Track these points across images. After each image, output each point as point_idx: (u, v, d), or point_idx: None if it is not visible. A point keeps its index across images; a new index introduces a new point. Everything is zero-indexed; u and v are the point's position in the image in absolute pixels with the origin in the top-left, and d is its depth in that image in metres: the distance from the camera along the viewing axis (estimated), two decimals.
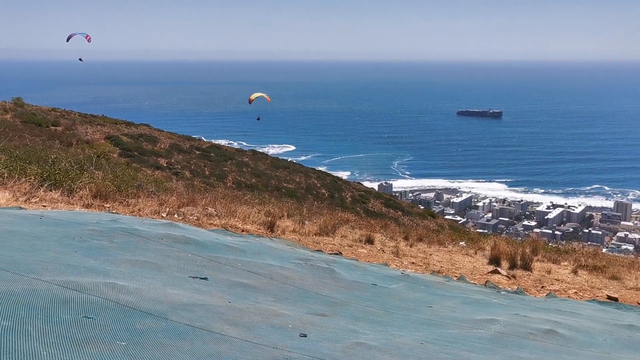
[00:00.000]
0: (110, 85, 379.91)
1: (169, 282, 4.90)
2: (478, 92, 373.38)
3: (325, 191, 51.00)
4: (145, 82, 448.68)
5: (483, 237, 20.07)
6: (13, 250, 5.01)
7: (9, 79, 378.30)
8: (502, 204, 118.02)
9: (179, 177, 39.14)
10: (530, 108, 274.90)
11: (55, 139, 42.45)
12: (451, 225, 48.13)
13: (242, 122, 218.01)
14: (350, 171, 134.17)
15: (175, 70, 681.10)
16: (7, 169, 12.14)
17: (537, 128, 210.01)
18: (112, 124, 58.64)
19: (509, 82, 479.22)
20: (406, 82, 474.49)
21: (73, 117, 58.84)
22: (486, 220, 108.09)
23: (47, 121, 50.34)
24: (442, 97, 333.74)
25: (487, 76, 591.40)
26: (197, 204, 13.61)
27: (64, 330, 3.22)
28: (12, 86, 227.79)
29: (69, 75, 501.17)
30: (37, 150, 18.32)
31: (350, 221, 17.07)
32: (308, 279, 6.31)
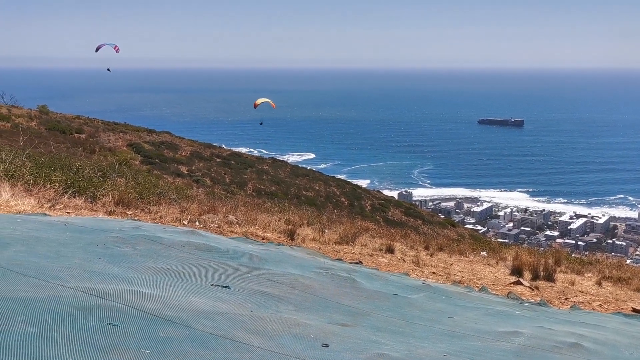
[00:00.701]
0: (133, 93, 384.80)
1: (192, 290, 4.92)
2: (499, 100, 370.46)
3: (344, 199, 50.93)
4: (168, 90, 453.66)
5: (504, 247, 19.87)
6: (39, 257, 5.08)
7: (35, 87, 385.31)
8: (524, 213, 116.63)
9: (199, 184, 39.42)
10: (553, 117, 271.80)
11: (78, 146, 43.09)
12: (472, 234, 47.68)
13: (262, 130, 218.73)
14: (370, 179, 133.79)
15: (197, 78, 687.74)
16: (32, 175, 12.33)
17: (560, 137, 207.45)
18: (134, 132, 59.33)
19: (530, 91, 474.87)
20: (427, 91, 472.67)
21: (96, 124, 59.68)
22: (507, 229, 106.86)
23: (71, 128, 51.11)
24: (463, 105, 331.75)
25: (508, 85, 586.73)
26: (217, 211, 13.68)
27: (89, 337, 3.25)
28: (38, 94, 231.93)
29: (93, 83, 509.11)
30: (62, 158, 18.61)
31: (370, 230, 17.02)
32: (329, 288, 6.29)
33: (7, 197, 10.79)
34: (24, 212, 9.80)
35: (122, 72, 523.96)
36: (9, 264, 4.57)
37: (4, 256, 4.92)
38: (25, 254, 5.16)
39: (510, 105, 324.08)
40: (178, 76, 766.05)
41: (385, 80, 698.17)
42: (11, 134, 40.86)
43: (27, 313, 3.42)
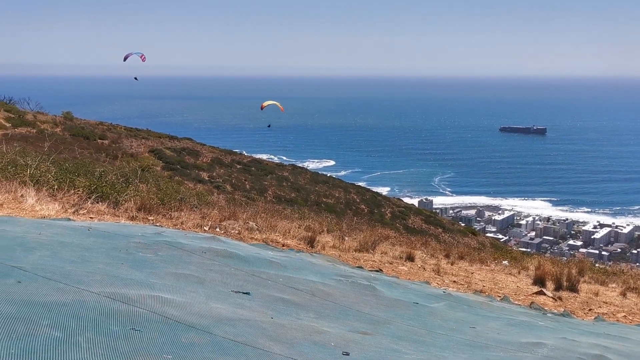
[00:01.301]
0: (155, 100, 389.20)
1: (213, 296, 4.95)
2: (521, 108, 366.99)
3: (364, 207, 50.79)
4: (190, 97, 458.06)
5: (526, 256, 19.63)
6: (64, 262, 5.16)
7: (60, 93, 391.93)
8: (546, 222, 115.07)
9: (220, 190, 39.64)
10: (576, 125, 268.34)
11: (101, 151, 43.67)
12: (493, 243, 47.21)
13: (282, 136, 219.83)
14: (390, 187, 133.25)
15: (219, 85, 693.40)
16: (57, 181, 12.52)
17: (584, 145, 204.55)
18: (156, 138, 59.93)
19: (552, 99, 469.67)
20: (448, 99, 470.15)
21: (119, 130, 60.44)
22: (529, 239, 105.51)
23: (95, 134, 51.84)
24: (484, 113, 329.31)
25: (530, 92, 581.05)
26: (238, 217, 13.73)
27: (112, 342, 3.28)
28: (63, 101, 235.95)
29: (117, 90, 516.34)
30: (85, 163, 18.88)
31: (390, 237, 16.94)
32: (349, 296, 6.27)
33: (33, 202, 10.98)
34: (48, 216, 9.95)
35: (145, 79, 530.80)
36: (34, 268, 4.64)
37: (30, 260, 5.00)
38: (50, 258, 5.24)
39: (532, 113, 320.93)
40: (200, 83, 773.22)
41: (407, 87, 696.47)
42: (36, 139, 41.58)
43: (52, 317, 3.47)
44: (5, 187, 11.44)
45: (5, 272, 4.44)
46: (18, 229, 6.64)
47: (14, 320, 3.30)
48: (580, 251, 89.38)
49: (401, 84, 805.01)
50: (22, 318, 3.37)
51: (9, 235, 5.97)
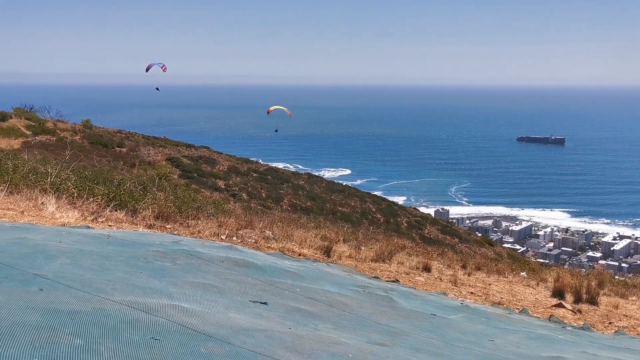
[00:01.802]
0: (173, 109, 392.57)
1: (231, 305, 4.96)
2: (539, 118, 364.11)
3: (380, 216, 50.68)
4: (207, 105, 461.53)
5: (545, 267, 19.43)
6: (84, 270, 5.21)
7: (80, 102, 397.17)
8: (565, 233, 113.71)
9: (236, 199, 39.82)
10: (595, 135, 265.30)
11: (119, 159, 44.16)
12: (510, 254, 46.79)
13: (298, 145, 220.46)
14: (406, 196, 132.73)
15: (236, 94, 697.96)
16: (76, 189, 12.67)
17: (604, 156, 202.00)
18: (173, 146, 60.45)
19: (571, 108, 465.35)
20: (465, 108, 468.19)
21: (137, 138, 61.08)
22: (547, 250, 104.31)
23: (113, 142, 52.44)
24: (501, 122, 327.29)
25: (547, 102, 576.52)
26: (254, 226, 13.77)
27: (132, 351, 3.30)
28: (83, 109, 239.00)
29: (135, 99, 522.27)
30: (104, 171, 19.09)
31: (407, 247, 16.88)
32: (367, 306, 6.26)
33: (53, 209, 11.12)
34: (68, 224, 10.06)
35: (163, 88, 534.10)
36: (55, 276, 4.70)
37: (51, 268, 5.06)
38: (70, 266, 5.30)
39: (550, 123, 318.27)
40: (218, 92, 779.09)
41: (424, 96, 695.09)
42: (56, 147, 42.19)
43: (73, 325, 3.51)
44: (27, 194, 11.61)
45: (28, 280, 4.50)
46: (39, 236, 6.73)
47: (37, 328, 3.34)
48: (599, 263, 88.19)
49: (418, 93, 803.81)
50: (45, 326, 3.41)
51: (31, 243, 6.05)
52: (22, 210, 10.60)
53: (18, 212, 10.44)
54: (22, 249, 5.68)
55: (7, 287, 4.21)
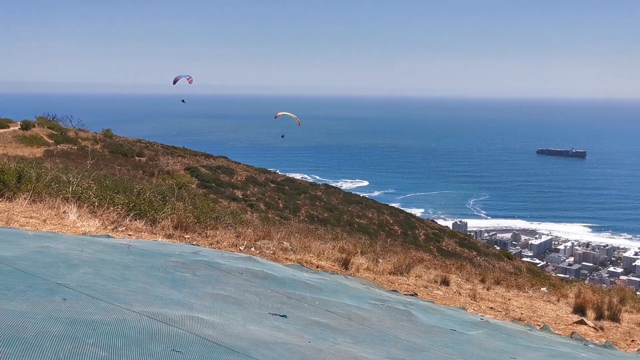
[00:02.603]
0: (192, 118, 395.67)
1: (250, 318, 4.96)
2: (559, 130, 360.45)
3: (397, 228, 50.45)
4: (225, 115, 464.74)
5: (566, 282, 19.16)
6: (106, 279, 5.26)
7: (101, 111, 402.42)
8: (586, 248, 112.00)
9: (253, 209, 39.92)
10: (617, 148, 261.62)
11: (139, 168, 44.60)
12: (529, 268, 46.27)
13: (316, 156, 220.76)
14: (423, 208, 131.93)
15: (253, 104, 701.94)
16: (97, 198, 12.79)
17: (626, 170, 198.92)
18: (192, 156, 60.94)
19: (591, 121, 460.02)
20: (484, 120, 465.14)
21: (156, 148, 61.69)
22: (568, 264, 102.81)
23: (133, 152, 53.00)
24: (521, 135, 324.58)
25: (567, 114, 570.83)
26: (272, 237, 13.78)
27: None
28: (103, 118, 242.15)
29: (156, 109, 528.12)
30: (124, 181, 19.28)
31: (425, 260, 16.75)
32: (386, 321, 6.21)
33: (74, 218, 11.24)
34: (89, 233, 10.16)
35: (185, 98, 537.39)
36: (78, 286, 4.75)
37: (74, 278, 5.11)
38: (92, 276, 5.35)
39: (570, 136, 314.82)
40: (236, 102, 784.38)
41: (443, 108, 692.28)
42: (77, 156, 42.76)
43: (96, 336, 3.53)
44: (49, 203, 11.75)
45: (51, 289, 4.55)
46: (61, 245, 6.80)
47: (61, 338, 3.37)
48: (620, 278, 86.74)
49: (437, 105, 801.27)
50: (69, 336, 3.44)
51: (53, 252, 6.12)
52: (44, 218, 10.73)
53: (40, 220, 10.58)
54: (45, 257, 5.75)
55: (31, 296, 4.26)
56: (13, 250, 5.91)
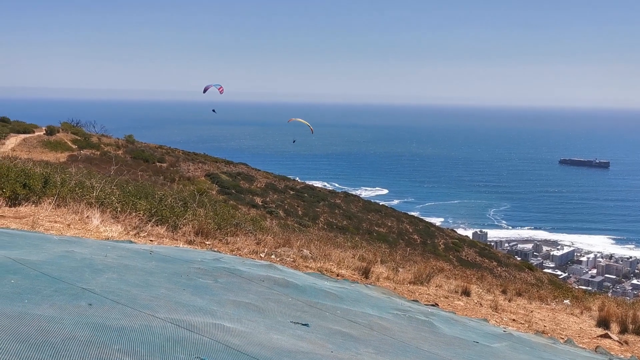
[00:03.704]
0: (213, 125, 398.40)
1: (272, 326, 4.95)
2: (581, 140, 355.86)
3: (417, 237, 50.17)
4: (246, 122, 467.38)
5: (589, 295, 18.84)
6: (129, 285, 5.30)
7: (124, 117, 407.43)
8: (609, 260, 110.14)
9: (273, 216, 40.00)
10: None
11: (160, 174, 45.02)
12: (551, 279, 45.66)
13: (336, 164, 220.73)
14: (443, 217, 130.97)
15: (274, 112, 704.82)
16: (120, 203, 12.93)
17: None
18: (213, 162, 61.35)
19: (614, 131, 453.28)
20: (505, 129, 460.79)
21: (177, 154, 62.23)
22: (590, 276, 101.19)
23: (154, 157, 53.52)
24: (542, 144, 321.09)
25: (590, 124, 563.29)
26: (292, 245, 13.78)
27: None
28: (127, 124, 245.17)
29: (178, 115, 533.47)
30: (146, 186, 19.46)
31: (445, 270, 16.62)
32: (407, 331, 6.16)
33: (97, 223, 11.37)
34: (111, 238, 10.27)
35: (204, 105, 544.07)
36: (103, 291, 4.79)
37: (98, 283, 5.16)
38: (116, 281, 5.39)
39: (594, 145, 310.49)
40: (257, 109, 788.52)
41: (464, 117, 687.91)
42: (100, 161, 43.32)
43: (122, 342, 3.56)
44: (73, 208, 11.90)
45: (77, 294, 4.60)
46: (85, 250, 6.88)
47: (88, 344, 3.40)
48: None
49: (459, 114, 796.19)
50: (95, 342, 3.47)
51: (78, 257, 6.19)
52: (68, 223, 10.87)
53: (65, 224, 10.72)
54: (71, 262, 5.82)
55: (58, 301, 4.31)
56: (39, 255, 5.99)
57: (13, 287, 4.52)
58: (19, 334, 3.33)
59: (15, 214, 10.88)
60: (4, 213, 10.79)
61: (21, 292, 4.39)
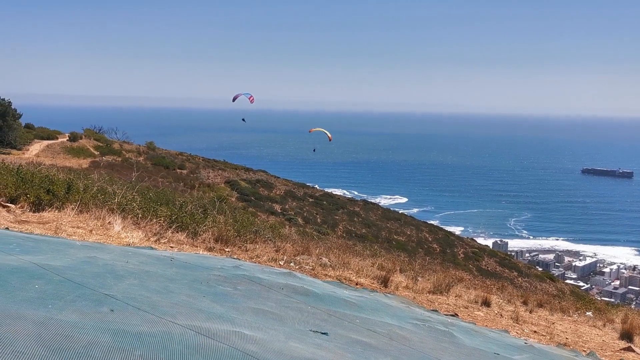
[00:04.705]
0: (233, 132, 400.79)
1: (292, 334, 4.95)
2: (604, 149, 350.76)
3: (436, 246, 49.83)
4: (266, 130, 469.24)
5: (612, 307, 18.52)
6: (150, 291, 5.35)
7: (145, 124, 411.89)
8: (632, 271, 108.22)
9: (291, 223, 40.04)
10: None
11: (180, 181, 45.39)
12: (573, 291, 44.96)
13: (355, 171, 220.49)
14: (463, 227, 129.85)
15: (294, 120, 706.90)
16: (141, 209, 13.05)
17: None
18: (232, 169, 61.72)
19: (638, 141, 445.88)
20: (527, 138, 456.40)
21: (197, 161, 62.73)
22: (613, 288, 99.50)
23: (174, 164, 54.01)
24: (565, 154, 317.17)
25: (613, 133, 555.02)
26: (311, 252, 13.78)
27: None
28: (147, 131, 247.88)
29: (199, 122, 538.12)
30: (167, 193, 19.62)
31: (464, 280, 16.48)
32: (427, 342, 6.11)
33: (119, 229, 11.49)
34: (132, 244, 10.37)
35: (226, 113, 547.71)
36: (124, 297, 4.84)
37: (120, 289, 5.22)
38: (137, 287, 5.45)
39: (617, 155, 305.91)
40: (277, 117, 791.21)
41: (486, 125, 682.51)
42: (121, 167, 43.84)
43: (143, 348, 3.59)
44: (95, 214, 12.05)
45: (100, 300, 4.66)
46: (107, 256, 6.96)
47: (110, 350, 3.44)
48: None
49: (480, 122, 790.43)
50: (117, 348, 3.50)
51: (100, 263, 6.27)
52: (90, 228, 11.01)
53: (87, 230, 10.85)
54: (93, 268, 5.89)
55: (80, 306, 4.36)
56: (62, 260, 6.07)
57: (37, 293, 4.59)
58: (44, 339, 3.38)
59: (39, 219, 11.06)
60: (28, 218, 10.96)
61: (45, 298, 4.46)
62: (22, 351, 3.16)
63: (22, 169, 13.25)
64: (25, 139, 47.57)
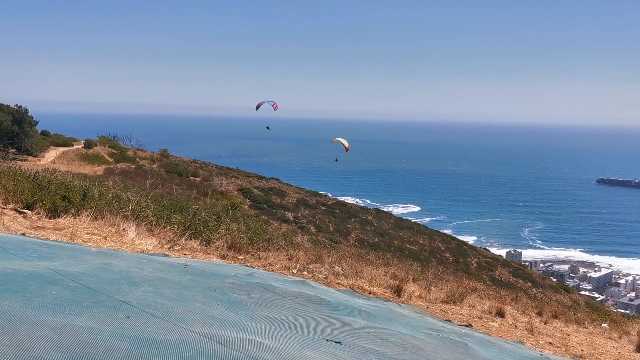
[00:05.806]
0: (247, 140, 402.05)
1: (305, 343, 4.95)
2: (620, 159, 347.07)
3: (449, 255, 49.52)
4: (279, 138, 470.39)
5: (627, 319, 18.30)
6: (165, 298, 5.38)
7: (159, 131, 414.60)
8: None
9: (304, 231, 40.02)
10: None
11: (193, 188, 45.58)
12: (587, 302, 44.42)
13: (368, 180, 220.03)
14: (476, 236, 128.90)
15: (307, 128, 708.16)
16: (155, 217, 13.12)
17: None
18: (245, 177, 61.88)
19: None
20: (542, 147, 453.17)
21: (210, 168, 63.00)
22: (629, 299, 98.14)
23: (188, 171, 54.26)
24: (580, 163, 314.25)
25: (630, 143, 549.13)
26: (324, 261, 13.75)
27: None
28: (162, 138, 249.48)
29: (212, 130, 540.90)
30: (180, 200, 19.72)
31: (478, 290, 16.37)
32: (441, 352, 6.07)
33: (133, 236, 11.56)
34: (146, 251, 10.43)
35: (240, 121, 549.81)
36: (139, 304, 4.87)
37: (135, 296, 5.25)
38: (152, 294, 5.48)
39: (633, 165, 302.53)
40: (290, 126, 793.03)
41: (501, 135, 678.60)
42: (135, 174, 44.14)
43: (159, 355, 3.61)
44: (109, 220, 12.14)
45: (115, 306, 4.69)
46: (122, 262, 7.01)
47: (127, 356, 3.46)
48: None
49: (494, 131, 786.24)
50: (134, 355, 3.52)
51: (115, 269, 6.32)
52: (105, 235, 11.09)
53: (102, 237, 10.93)
54: (108, 274, 5.93)
55: (97, 313, 4.40)
56: (78, 266, 6.13)
57: (54, 298, 4.64)
58: (61, 345, 3.41)
59: (55, 225, 11.16)
60: (44, 224, 11.07)
61: (62, 303, 4.50)
62: (41, 356, 3.19)
63: (38, 176, 13.39)
64: (41, 146, 48.09)
